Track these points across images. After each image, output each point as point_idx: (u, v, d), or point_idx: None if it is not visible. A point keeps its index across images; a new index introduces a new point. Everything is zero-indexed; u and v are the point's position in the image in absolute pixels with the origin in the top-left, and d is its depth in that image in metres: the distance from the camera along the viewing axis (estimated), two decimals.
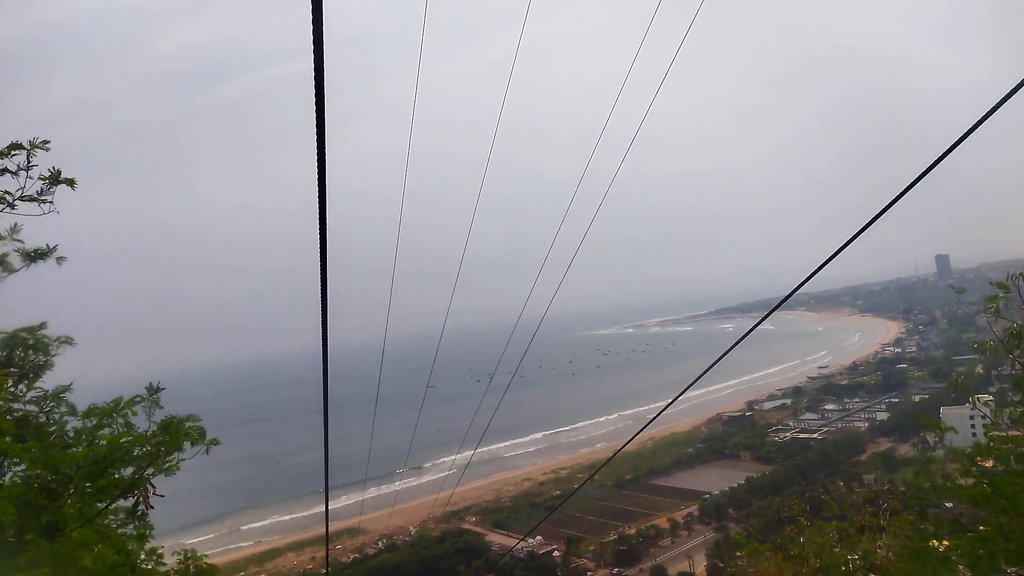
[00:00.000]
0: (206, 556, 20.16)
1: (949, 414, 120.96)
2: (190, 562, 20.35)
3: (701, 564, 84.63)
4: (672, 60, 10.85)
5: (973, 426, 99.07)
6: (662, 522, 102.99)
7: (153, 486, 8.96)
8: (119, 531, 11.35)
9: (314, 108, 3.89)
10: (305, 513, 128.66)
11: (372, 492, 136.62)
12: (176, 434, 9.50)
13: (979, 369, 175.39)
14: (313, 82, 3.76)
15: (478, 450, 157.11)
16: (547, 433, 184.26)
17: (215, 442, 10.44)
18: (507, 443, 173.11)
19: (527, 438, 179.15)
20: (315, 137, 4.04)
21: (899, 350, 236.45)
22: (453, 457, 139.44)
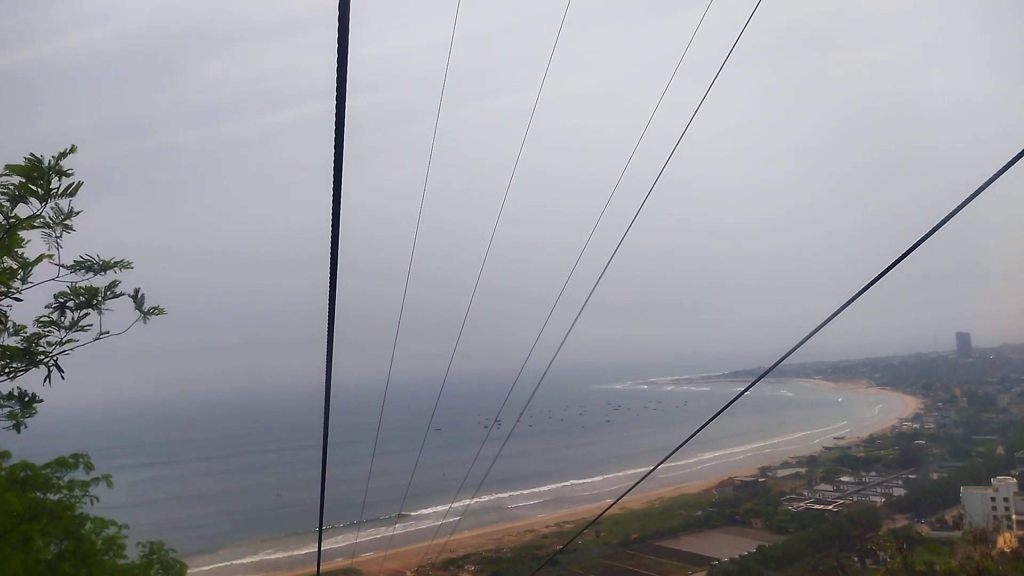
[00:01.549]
0: (172, 549, 18.79)
1: (969, 494, 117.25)
2: (155, 556, 19.03)
3: None
4: (691, 118, 10.20)
5: (995, 507, 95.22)
6: None
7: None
8: None
9: (332, 150, 3.99)
10: (301, 550, 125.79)
11: (369, 533, 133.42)
12: None
13: (1000, 450, 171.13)
14: (333, 129, 3.87)
15: (481, 498, 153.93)
16: (553, 486, 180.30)
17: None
18: (511, 493, 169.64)
19: (532, 489, 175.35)
20: (331, 182, 4.14)
21: (917, 425, 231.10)
22: (455, 503, 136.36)
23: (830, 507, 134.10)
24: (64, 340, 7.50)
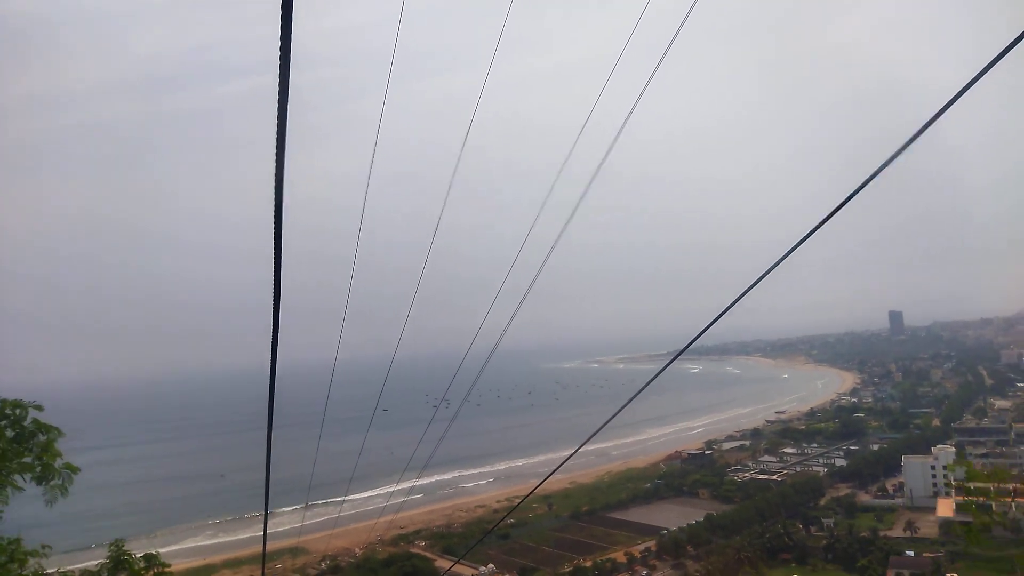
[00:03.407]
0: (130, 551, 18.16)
1: (910, 462, 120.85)
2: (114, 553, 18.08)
3: None
4: (634, 104, 10.37)
5: (934, 475, 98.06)
6: (619, 556, 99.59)
7: None
8: None
9: (276, 121, 3.91)
10: (244, 533, 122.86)
11: (317, 513, 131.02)
12: None
13: (936, 422, 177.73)
14: (277, 95, 3.81)
15: (431, 477, 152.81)
16: (503, 464, 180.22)
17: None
18: (461, 472, 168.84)
19: (482, 468, 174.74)
20: (275, 147, 4.03)
21: (855, 399, 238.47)
22: (403, 482, 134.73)
23: (774, 477, 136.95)
24: None
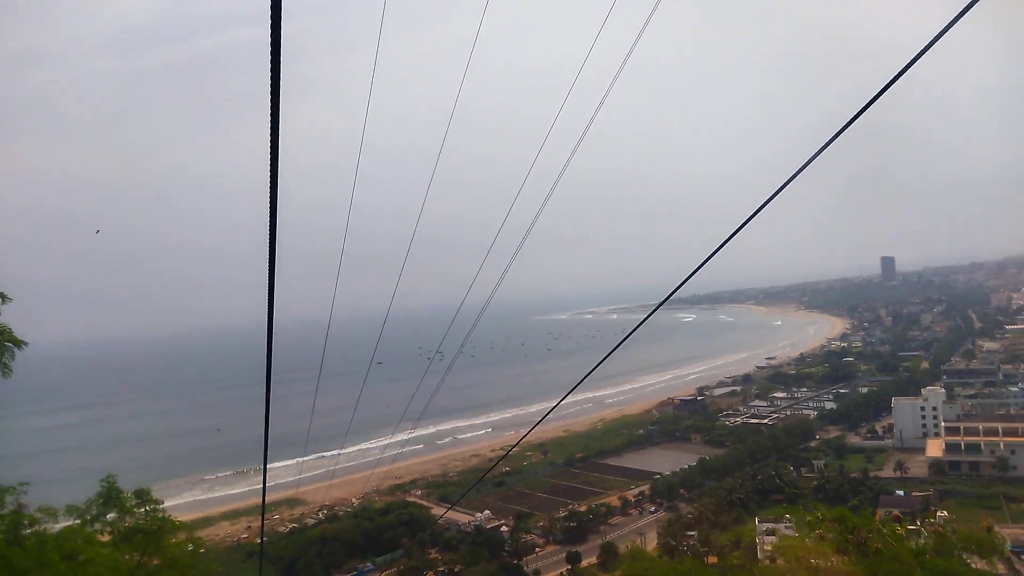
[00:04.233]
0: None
1: (901, 404, 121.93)
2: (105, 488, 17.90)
3: (652, 542, 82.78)
4: (627, 55, 10.53)
5: (923, 416, 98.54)
6: (613, 500, 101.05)
7: None
8: None
9: (269, 79, 3.95)
10: (244, 486, 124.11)
11: (314, 466, 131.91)
12: None
13: (925, 364, 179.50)
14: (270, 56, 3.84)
15: (426, 427, 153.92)
16: (497, 413, 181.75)
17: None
18: (457, 423, 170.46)
19: (477, 419, 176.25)
20: (269, 105, 4.06)
21: (845, 344, 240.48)
22: (399, 433, 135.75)
23: (765, 421, 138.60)
24: None
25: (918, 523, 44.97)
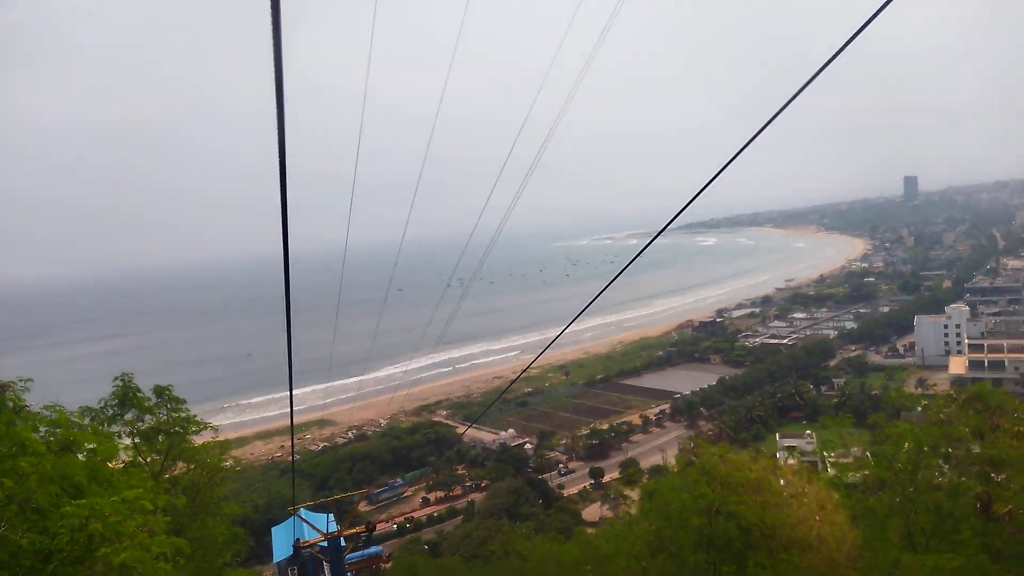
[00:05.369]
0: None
1: (924, 322, 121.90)
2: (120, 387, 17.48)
3: (673, 458, 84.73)
4: None
5: (946, 334, 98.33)
6: (634, 419, 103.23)
7: None
8: None
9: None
10: (276, 410, 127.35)
11: (343, 388, 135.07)
12: None
13: (947, 284, 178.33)
14: None
15: (449, 351, 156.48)
16: (518, 337, 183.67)
17: None
18: (479, 347, 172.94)
19: (499, 343, 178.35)
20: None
21: (866, 265, 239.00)
22: (423, 358, 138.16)
23: (785, 341, 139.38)
24: None
25: None
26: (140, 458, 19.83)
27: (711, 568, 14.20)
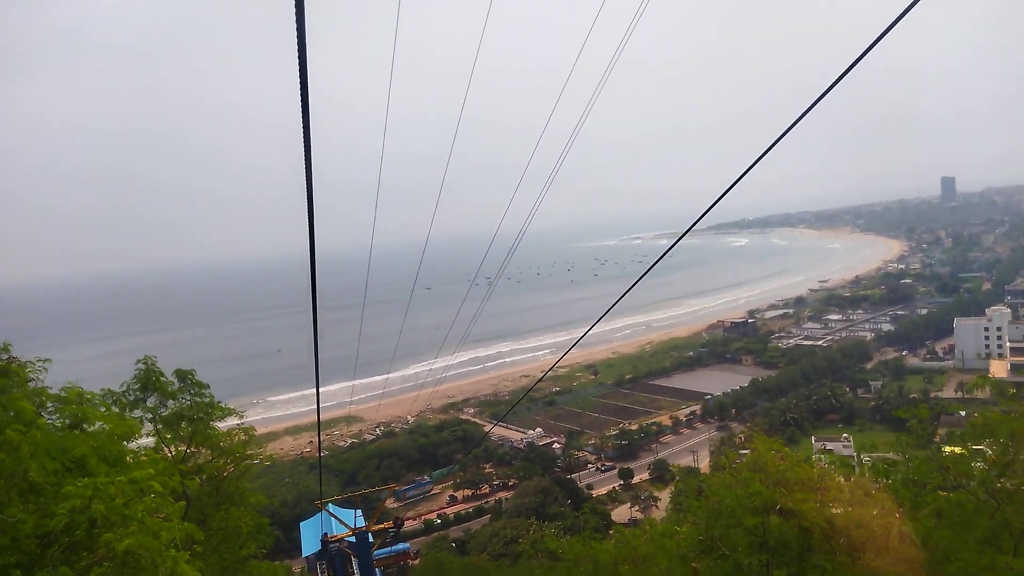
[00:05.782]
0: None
1: (964, 325, 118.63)
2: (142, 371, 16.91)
3: (705, 459, 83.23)
4: None
5: (987, 337, 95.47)
6: (664, 419, 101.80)
7: None
8: None
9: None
10: (305, 406, 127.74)
11: (367, 386, 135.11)
12: None
13: (987, 286, 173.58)
14: None
15: (477, 350, 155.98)
16: (546, 336, 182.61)
17: None
18: (507, 346, 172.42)
19: (526, 343, 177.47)
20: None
21: (903, 266, 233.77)
22: (451, 356, 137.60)
23: (819, 342, 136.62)
24: None
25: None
26: (163, 445, 19.16)
27: (764, 570, 13.19)
